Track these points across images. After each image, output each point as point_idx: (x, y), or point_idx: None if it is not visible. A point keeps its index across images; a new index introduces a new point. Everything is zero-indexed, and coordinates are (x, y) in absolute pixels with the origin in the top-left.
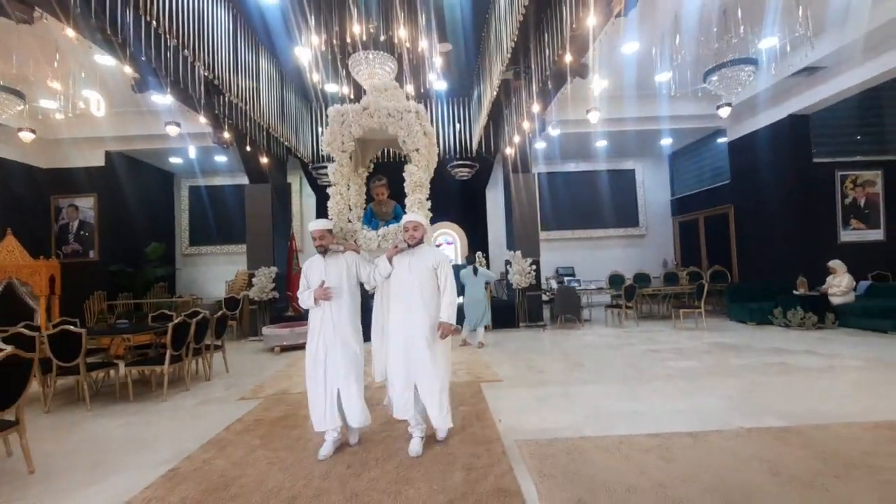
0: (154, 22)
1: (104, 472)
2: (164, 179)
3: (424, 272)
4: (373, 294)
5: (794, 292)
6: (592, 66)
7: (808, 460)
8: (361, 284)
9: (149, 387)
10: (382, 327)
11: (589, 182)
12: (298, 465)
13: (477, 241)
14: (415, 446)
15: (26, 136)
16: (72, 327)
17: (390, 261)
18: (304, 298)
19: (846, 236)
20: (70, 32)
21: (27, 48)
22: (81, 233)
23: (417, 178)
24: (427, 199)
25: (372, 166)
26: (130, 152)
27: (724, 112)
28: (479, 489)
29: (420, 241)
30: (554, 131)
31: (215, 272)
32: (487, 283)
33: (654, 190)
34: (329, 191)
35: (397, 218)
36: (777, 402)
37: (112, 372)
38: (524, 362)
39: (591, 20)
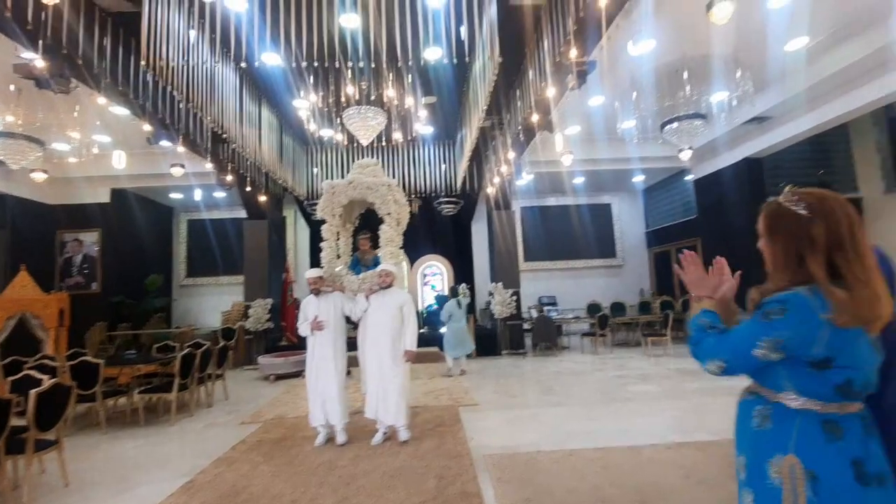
0: (169, 87)
1: (130, 484)
2: (164, 213)
3: (393, 309)
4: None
5: None
6: (562, 119)
7: (721, 467)
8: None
9: (156, 413)
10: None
11: (569, 215)
12: (297, 477)
13: (463, 272)
14: (376, 439)
15: (39, 177)
16: (90, 358)
17: (367, 298)
18: (303, 329)
19: None
20: (101, 100)
21: (49, 99)
22: (84, 266)
23: (389, 235)
24: (400, 248)
25: (358, 222)
26: (135, 189)
27: (685, 156)
28: (447, 493)
29: (390, 285)
30: (528, 176)
31: (211, 303)
32: (469, 314)
33: (629, 223)
34: (322, 245)
35: (377, 265)
36: (712, 420)
37: (122, 399)
38: (501, 388)
39: (551, 91)
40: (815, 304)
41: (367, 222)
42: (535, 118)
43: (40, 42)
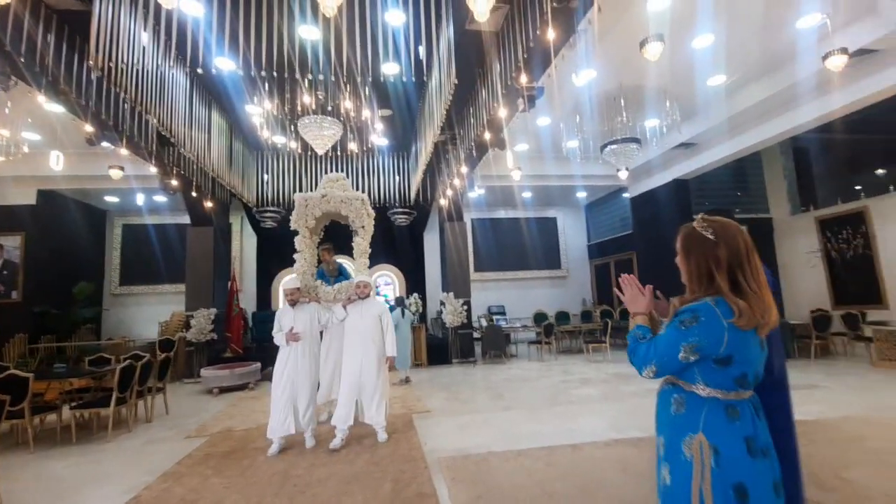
0: (116, 88)
1: (67, 502)
2: (97, 217)
3: (372, 318)
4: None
5: None
6: (512, 136)
7: (653, 460)
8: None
9: (90, 430)
10: (329, 358)
11: (517, 228)
12: (251, 488)
13: (415, 281)
14: (335, 443)
15: None
16: (19, 372)
17: (345, 308)
18: (278, 339)
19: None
20: (41, 98)
21: None
22: (4, 272)
23: (363, 248)
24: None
25: (321, 234)
26: (65, 191)
27: (623, 175)
28: (403, 495)
29: (367, 296)
30: (480, 190)
31: (147, 312)
32: (413, 325)
33: (573, 236)
34: (295, 256)
35: (342, 272)
36: (644, 419)
37: (50, 416)
38: (452, 395)
39: (503, 112)
40: (720, 311)
41: (326, 233)
42: (487, 136)
43: None
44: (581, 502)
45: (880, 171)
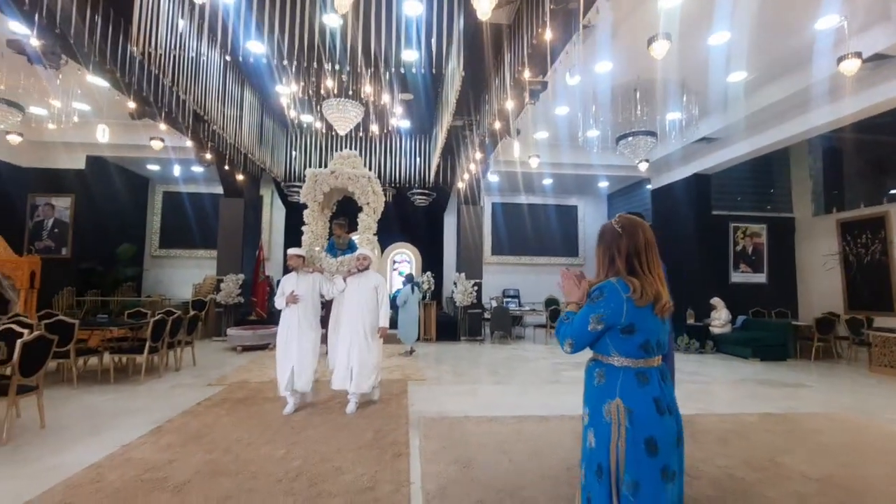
0: (156, 69)
1: (102, 429)
2: (140, 184)
3: (369, 290)
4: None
5: (688, 322)
6: (531, 124)
7: None
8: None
9: (126, 374)
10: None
11: (537, 214)
12: (255, 427)
13: (432, 261)
14: (350, 408)
15: (14, 140)
16: (65, 318)
17: (345, 279)
18: (279, 303)
19: (735, 278)
20: (89, 78)
21: (32, 65)
22: (55, 231)
23: (367, 223)
24: (374, 235)
25: (335, 208)
26: (112, 158)
27: (643, 166)
28: (380, 442)
29: (366, 268)
30: (493, 176)
31: (182, 275)
32: (433, 301)
33: (593, 225)
34: (303, 228)
35: (351, 248)
36: None
37: (92, 359)
38: (451, 368)
39: (510, 103)
40: (620, 288)
41: (342, 209)
42: (497, 125)
43: (35, 21)
44: (529, 460)
45: None
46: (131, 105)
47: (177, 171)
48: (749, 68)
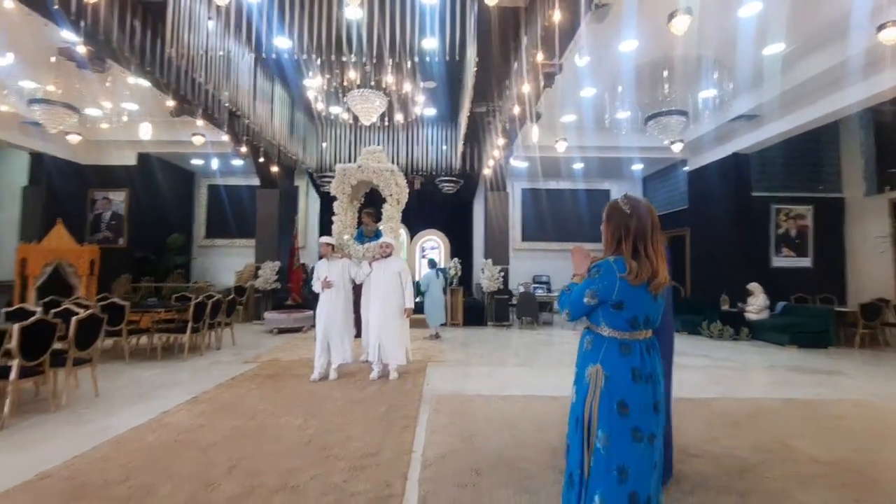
0: (189, 68)
1: (147, 398)
2: (186, 178)
3: (392, 274)
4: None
5: (723, 308)
6: (557, 107)
7: None
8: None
9: (171, 351)
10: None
11: (567, 199)
12: (280, 399)
13: (461, 247)
14: (373, 375)
15: (73, 139)
16: (117, 300)
17: (370, 265)
18: (316, 286)
19: (777, 262)
20: (131, 80)
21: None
22: (112, 222)
23: (390, 213)
24: (398, 224)
25: (363, 199)
26: (159, 154)
27: (677, 147)
28: (392, 415)
29: (389, 255)
30: (515, 161)
31: (226, 263)
32: (447, 287)
33: None
34: (333, 218)
35: (378, 236)
36: None
37: (142, 339)
38: (473, 351)
39: (526, 87)
40: (615, 267)
41: (371, 200)
42: (516, 110)
43: (82, 29)
44: (531, 435)
45: None
46: (170, 103)
47: (216, 164)
48: (786, 40)
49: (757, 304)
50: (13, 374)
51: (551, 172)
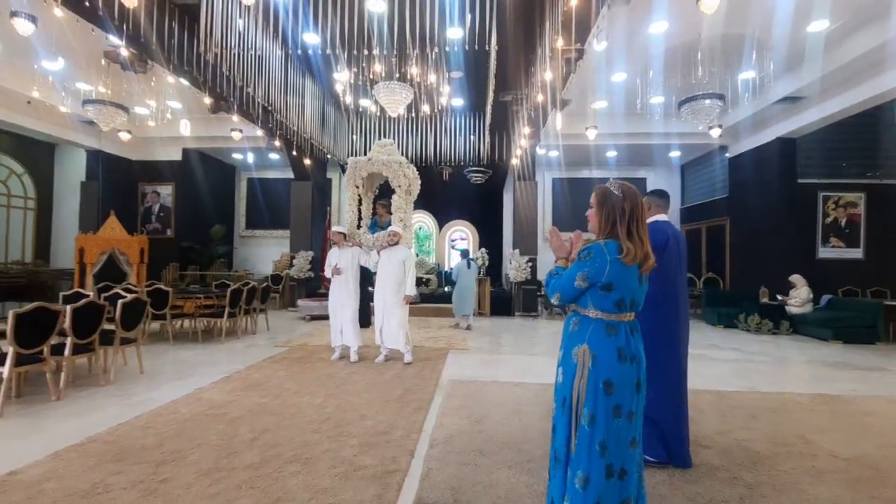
0: (224, 67)
1: (186, 376)
2: (227, 171)
3: (398, 262)
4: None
5: (762, 301)
6: (591, 94)
7: None
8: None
9: (211, 334)
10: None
11: None
12: (304, 380)
13: (491, 238)
14: (379, 358)
15: (124, 136)
16: (162, 286)
17: (378, 253)
18: (327, 272)
19: (824, 253)
20: (171, 79)
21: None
22: (161, 214)
23: (399, 204)
24: (409, 213)
25: (377, 191)
26: (202, 149)
27: (715, 133)
28: (407, 398)
29: (396, 243)
30: (551, 151)
31: (265, 252)
32: (486, 277)
33: None
34: (345, 208)
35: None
36: None
37: (186, 322)
38: (496, 340)
39: (550, 74)
40: (606, 250)
41: (387, 191)
42: (540, 98)
43: (124, 32)
44: (540, 420)
45: None
46: (207, 101)
47: (254, 158)
48: (831, 16)
49: (799, 297)
50: (67, 351)
51: (582, 161)
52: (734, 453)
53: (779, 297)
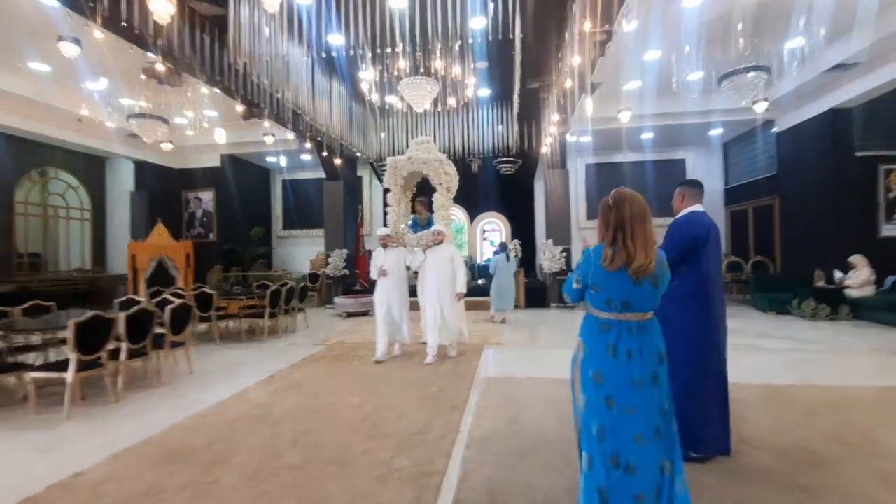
0: (256, 76)
1: (233, 376)
2: (263, 174)
3: (445, 260)
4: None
5: (817, 285)
6: (624, 74)
7: None
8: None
9: (254, 334)
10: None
11: (637, 172)
12: (343, 377)
13: (523, 228)
14: (429, 359)
15: (166, 147)
16: (207, 289)
17: (424, 252)
18: (373, 273)
19: (887, 231)
20: (204, 89)
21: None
22: (203, 219)
23: (441, 202)
24: (450, 211)
25: (416, 189)
26: (238, 154)
27: (760, 107)
28: (443, 395)
29: (441, 242)
30: (583, 137)
31: (302, 252)
32: (520, 269)
33: (705, 179)
34: (387, 209)
35: (430, 224)
36: None
37: (231, 323)
38: (531, 334)
39: (577, 59)
40: (593, 254)
41: (424, 188)
42: (568, 84)
43: (159, 48)
44: (567, 411)
45: None
46: (239, 108)
47: (287, 161)
48: None
49: (860, 279)
50: (123, 355)
51: (616, 145)
52: (789, 454)
53: (836, 276)
